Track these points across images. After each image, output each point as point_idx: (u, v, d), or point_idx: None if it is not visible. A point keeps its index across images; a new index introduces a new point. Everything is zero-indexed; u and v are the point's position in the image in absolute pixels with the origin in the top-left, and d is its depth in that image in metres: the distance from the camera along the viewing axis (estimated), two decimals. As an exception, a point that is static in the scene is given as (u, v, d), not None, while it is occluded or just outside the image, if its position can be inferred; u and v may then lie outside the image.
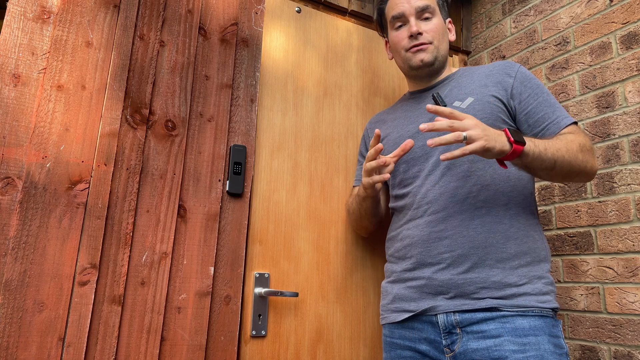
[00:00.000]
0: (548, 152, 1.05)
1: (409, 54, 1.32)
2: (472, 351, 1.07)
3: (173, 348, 1.18)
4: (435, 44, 1.31)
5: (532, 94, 1.21)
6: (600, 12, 1.54)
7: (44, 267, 1.07)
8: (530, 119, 1.19)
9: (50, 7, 1.19)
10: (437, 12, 1.34)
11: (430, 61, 1.30)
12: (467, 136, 0.97)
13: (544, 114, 1.18)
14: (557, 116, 1.18)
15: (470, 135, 0.97)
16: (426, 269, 1.18)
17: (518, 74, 1.23)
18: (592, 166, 1.14)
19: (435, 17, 1.32)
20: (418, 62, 1.31)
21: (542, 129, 1.18)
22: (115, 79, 1.24)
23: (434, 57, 1.31)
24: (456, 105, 1.24)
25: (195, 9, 1.39)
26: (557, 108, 1.20)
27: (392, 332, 1.25)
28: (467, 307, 1.10)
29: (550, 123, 1.17)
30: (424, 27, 1.31)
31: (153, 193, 1.23)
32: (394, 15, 1.35)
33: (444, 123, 0.99)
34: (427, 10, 1.31)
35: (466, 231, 1.14)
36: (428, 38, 1.30)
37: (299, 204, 1.49)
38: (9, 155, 1.08)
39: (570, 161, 1.09)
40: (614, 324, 1.36)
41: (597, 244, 1.44)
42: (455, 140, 0.96)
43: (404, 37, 1.33)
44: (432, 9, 1.32)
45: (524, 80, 1.22)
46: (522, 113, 1.20)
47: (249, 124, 1.42)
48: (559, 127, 1.16)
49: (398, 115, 1.41)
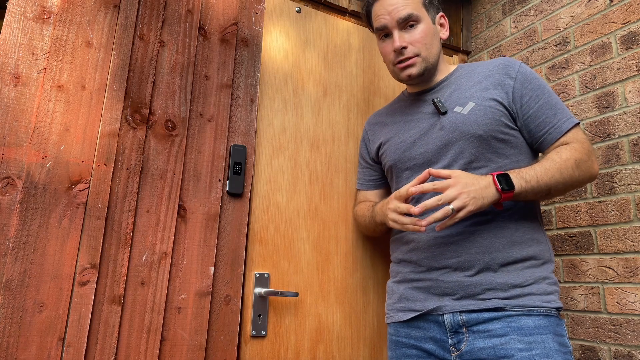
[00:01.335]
0: (541, 183, 1.09)
1: (397, 68, 1.30)
2: (478, 350, 1.08)
3: (173, 348, 1.18)
4: (423, 54, 1.26)
5: (533, 96, 1.19)
6: (600, 12, 1.54)
7: (44, 267, 1.07)
8: (532, 123, 1.19)
9: (50, 7, 1.19)
10: (423, 16, 1.28)
11: (418, 74, 1.28)
12: (454, 208, 1.04)
13: (545, 117, 1.18)
14: (559, 120, 1.18)
15: (457, 206, 1.04)
16: (432, 273, 1.19)
17: (518, 74, 1.21)
18: (591, 174, 1.16)
19: (420, 22, 1.27)
20: (406, 77, 1.29)
21: (544, 134, 1.19)
22: (115, 79, 1.24)
23: (422, 69, 1.28)
24: (457, 111, 1.22)
25: (195, 9, 1.39)
26: (559, 110, 1.19)
27: (397, 331, 1.25)
28: (473, 307, 1.11)
29: (551, 128, 1.18)
30: (408, 38, 1.26)
31: (153, 193, 1.23)
32: (377, 27, 1.31)
33: (431, 202, 1.06)
34: (410, 19, 1.26)
35: (472, 236, 1.15)
36: (414, 51, 1.26)
37: (299, 204, 1.49)
38: (9, 155, 1.08)
39: (565, 182, 1.12)
40: (614, 324, 1.36)
41: (597, 244, 1.44)
42: (444, 216, 1.04)
43: (389, 50, 1.29)
44: (416, 16, 1.26)
45: (524, 82, 1.20)
46: (524, 117, 1.19)
47: (249, 124, 1.42)
48: (560, 132, 1.17)
49: (398, 119, 1.39)
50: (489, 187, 1.06)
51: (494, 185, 1.07)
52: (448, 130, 1.21)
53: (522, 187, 1.08)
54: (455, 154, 1.20)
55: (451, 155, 1.20)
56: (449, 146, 1.21)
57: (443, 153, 1.22)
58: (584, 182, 1.16)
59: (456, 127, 1.20)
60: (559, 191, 1.14)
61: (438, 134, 1.24)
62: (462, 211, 1.04)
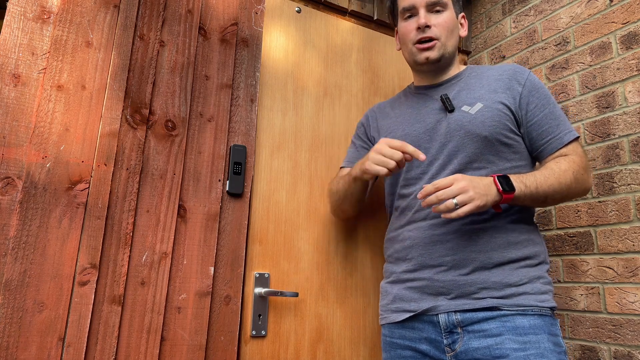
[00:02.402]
0: (540, 190, 1.11)
1: (415, 48, 1.30)
2: (473, 350, 1.08)
3: (173, 348, 1.18)
4: (443, 40, 1.29)
5: (538, 104, 1.22)
6: (600, 12, 1.54)
7: (44, 267, 1.07)
8: (534, 131, 1.21)
9: (50, 7, 1.19)
10: (450, 6, 1.31)
11: (436, 59, 1.29)
12: (457, 202, 1.05)
13: (548, 127, 1.20)
14: (561, 131, 1.20)
15: (461, 200, 1.05)
16: (427, 271, 1.18)
17: (527, 82, 1.24)
18: (585, 188, 1.19)
19: (446, 10, 1.30)
20: (423, 59, 1.30)
21: (545, 143, 1.21)
22: (115, 79, 1.24)
23: (440, 55, 1.29)
24: (465, 110, 1.23)
25: (195, 9, 1.39)
26: (562, 122, 1.21)
27: (392, 332, 1.25)
28: (468, 306, 1.11)
29: (552, 138, 1.20)
30: (433, 20, 1.29)
31: (153, 193, 1.23)
32: (404, 6, 1.33)
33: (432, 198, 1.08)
34: (439, 4, 1.29)
35: (468, 235, 1.15)
36: (436, 33, 1.28)
37: (299, 204, 1.49)
38: (9, 155, 1.08)
39: (562, 192, 1.15)
40: (614, 324, 1.36)
41: (597, 244, 1.44)
42: (447, 210, 1.05)
43: (412, 28, 1.31)
44: (444, 3, 1.30)
45: (532, 90, 1.23)
46: (528, 124, 1.22)
47: (249, 124, 1.42)
48: (561, 143, 1.19)
49: (403, 112, 1.38)
50: (491, 186, 1.08)
51: (495, 186, 1.08)
52: (454, 128, 1.22)
53: (521, 191, 1.09)
54: (457, 152, 1.20)
55: (453, 153, 1.21)
56: (452, 144, 1.21)
57: (446, 150, 1.22)
58: (578, 194, 1.19)
59: (462, 126, 1.21)
60: (554, 200, 1.17)
61: (443, 131, 1.24)
62: (468, 205, 1.04)
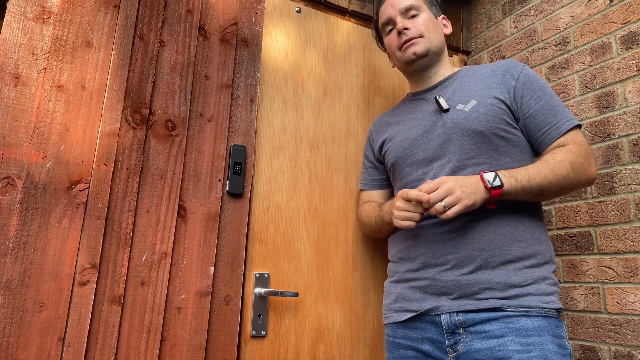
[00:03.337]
0: (532, 183, 1.10)
1: (401, 52, 1.34)
2: (475, 351, 1.07)
3: (173, 348, 1.18)
4: (426, 36, 1.32)
5: (534, 96, 1.20)
6: (600, 12, 1.54)
7: (44, 267, 1.07)
8: (531, 123, 1.20)
9: (50, 7, 1.19)
10: (424, 9, 1.36)
11: (422, 52, 1.31)
12: (445, 204, 1.05)
13: (544, 117, 1.18)
14: (558, 120, 1.18)
15: (449, 202, 1.05)
16: (430, 270, 1.18)
17: (521, 75, 1.22)
18: (587, 177, 1.15)
19: (422, 12, 1.35)
20: (410, 55, 1.32)
21: (542, 134, 1.19)
22: (115, 79, 1.24)
23: (426, 49, 1.32)
24: (459, 109, 1.23)
25: (195, 9, 1.39)
26: (559, 111, 1.19)
27: (394, 332, 1.25)
28: (470, 307, 1.10)
29: (550, 128, 1.18)
30: (410, 23, 1.33)
31: (153, 193, 1.23)
32: (382, 22, 1.40)
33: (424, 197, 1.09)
34: (412, 9, 1.34)
35: (470, 233, 1.14)
36: (417, 32, 1.32)
37: (299, 204, 1.49)
38: (9, 155, 1.08)
39: (558, 183, 1.12)
40: (614, 324, 1.36)
41: (597, 244, 1.44)
42: (436, 213, 1.07)
43: (394, 37, 1.36)
44: (417, 7, 1.35)
45: (526, 82, 1.21)
46: (524, 117, 1.20)
47: (249, 124, 1.42)
48: (559, 133, 1.17)
49: (401, 119, 1.41)
50: (478, 184, 1.08)
51: (482, 182, 1.08)
52: (450, 127, 1.22)
53: (512, 185, 1.08)
54: (455, 150, 1.20)
55: (452, 151, 1.21)
56: (449, 142, 1.21)
57: (444, 150, 1.22)
58: (581, 184, 1.16)
59: (457, 124, 1.21)
60: (552, 192, 1.14)
61: (439, 131, 1.24)
62: (457, 205, 1.05)
